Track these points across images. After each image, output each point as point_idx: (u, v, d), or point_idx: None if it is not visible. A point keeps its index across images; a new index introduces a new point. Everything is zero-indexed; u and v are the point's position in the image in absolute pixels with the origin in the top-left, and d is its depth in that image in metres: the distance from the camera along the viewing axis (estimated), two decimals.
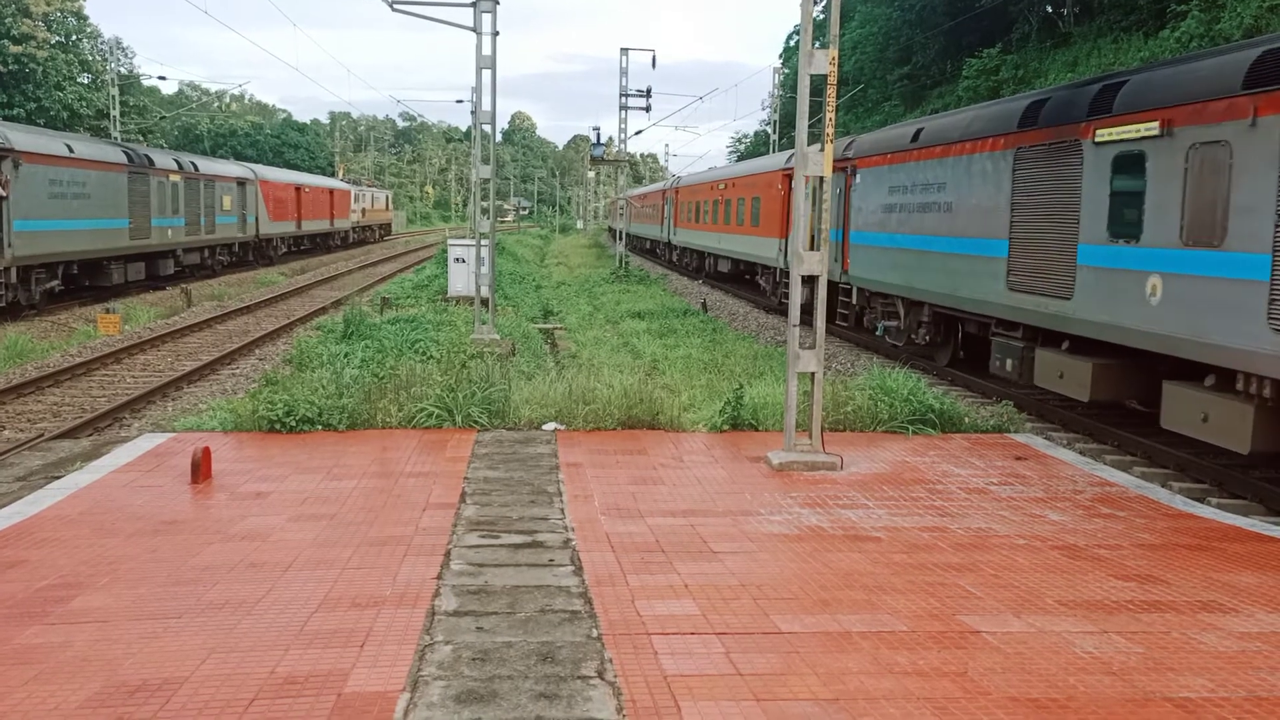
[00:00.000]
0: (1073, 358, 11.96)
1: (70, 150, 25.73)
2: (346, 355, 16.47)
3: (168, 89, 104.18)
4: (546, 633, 5.48)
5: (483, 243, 19.50)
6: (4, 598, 5.91)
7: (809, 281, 10.60)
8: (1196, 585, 6.58)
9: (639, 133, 61.93)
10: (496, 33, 18.21)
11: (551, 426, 11.00)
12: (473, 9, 18.20)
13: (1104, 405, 12.55)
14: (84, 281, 27.35)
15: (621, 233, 50.18)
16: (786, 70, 56.38)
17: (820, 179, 9.61)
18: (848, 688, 4.94)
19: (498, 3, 18.16)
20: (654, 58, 40.95)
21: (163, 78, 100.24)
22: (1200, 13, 28.60)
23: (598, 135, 49.23)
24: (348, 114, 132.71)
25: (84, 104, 69.86)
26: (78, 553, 6.73)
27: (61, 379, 16.48)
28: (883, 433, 11.25)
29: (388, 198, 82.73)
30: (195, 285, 32.27)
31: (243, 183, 40.76)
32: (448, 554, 6.79)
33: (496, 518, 7.68)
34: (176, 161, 34.26)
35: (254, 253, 43.04)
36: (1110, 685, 5.04)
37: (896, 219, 17.48)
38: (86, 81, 71.99)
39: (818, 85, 9.56)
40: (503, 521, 7.58)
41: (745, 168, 35.19)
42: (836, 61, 9.36)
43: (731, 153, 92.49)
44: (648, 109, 42.93)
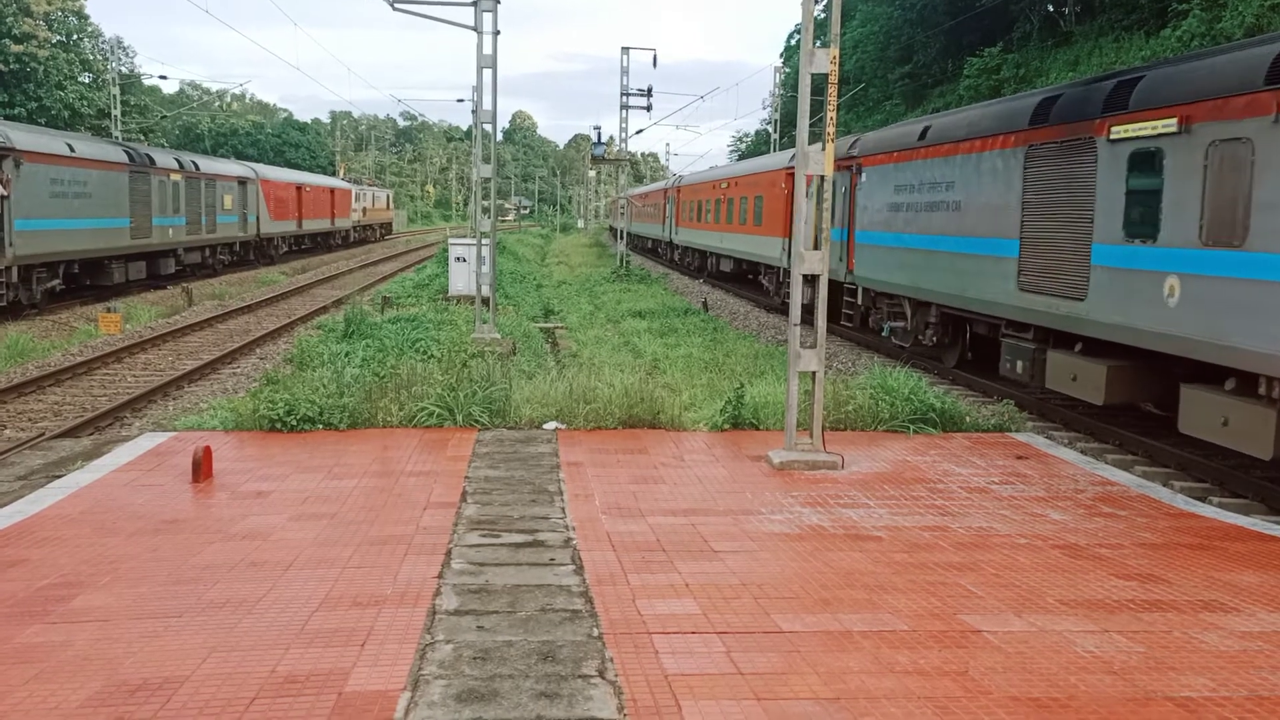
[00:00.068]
0: (1086, 360, 11.73)
1: (71, 149, 25.73)
2: (347, 354, 16.45)
3: (169, 88, 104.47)
4: (547, 632, 5.47)
5: (483, 242, 19.50)
6: (5, 597, 5.91)
7: (811, 281, 10.59)
8: (1198, 584, 6.58)
9: (640, 132, 61.81)
10: (497, 32, 18.20)
11: (552, 425, 11.00)
12: (473, 8, 18.18)
13: (1116, 408, 12.27)
14: (85, 281, 27.34)
15: (622, 232, 50.12)
16: (787, 69, 56.39)
17: (822, 178, 9.60)
18: (849, 687, 4.94)
19: (498, 2, 18.15)
20: (655, 57, 41.00)
21: (164, 77, 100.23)
22: (1202, 11, 28.59)
23: (598, 134, 49.36)
24: (349, 113, 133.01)
25: (85, 103, 69.92)
26: (78, 552, 6.73)
27: (62, 378, 16.48)
28: (884, 432, 11.24)
29: (388, 197, 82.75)
30: (196, 284, 32.25)
31: (244, 182, 40.77)
32: (448, 553, 6.79)
33: (497, 517, 7.68)
34: (177, 161, 34.26)
35: (255, 252, 43.05)
36: (1111, 685, 5.04)
37: (903, 218, 17.26)
38: (87, 81, 72.06)
39: (819, 84, 9.55)
40: (504, 520, 7.58)
41: (747, 167, 35.15)
42: (838, 60, 9.34)
43: (732, 152, 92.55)
44: (649, 108, 43.00)
